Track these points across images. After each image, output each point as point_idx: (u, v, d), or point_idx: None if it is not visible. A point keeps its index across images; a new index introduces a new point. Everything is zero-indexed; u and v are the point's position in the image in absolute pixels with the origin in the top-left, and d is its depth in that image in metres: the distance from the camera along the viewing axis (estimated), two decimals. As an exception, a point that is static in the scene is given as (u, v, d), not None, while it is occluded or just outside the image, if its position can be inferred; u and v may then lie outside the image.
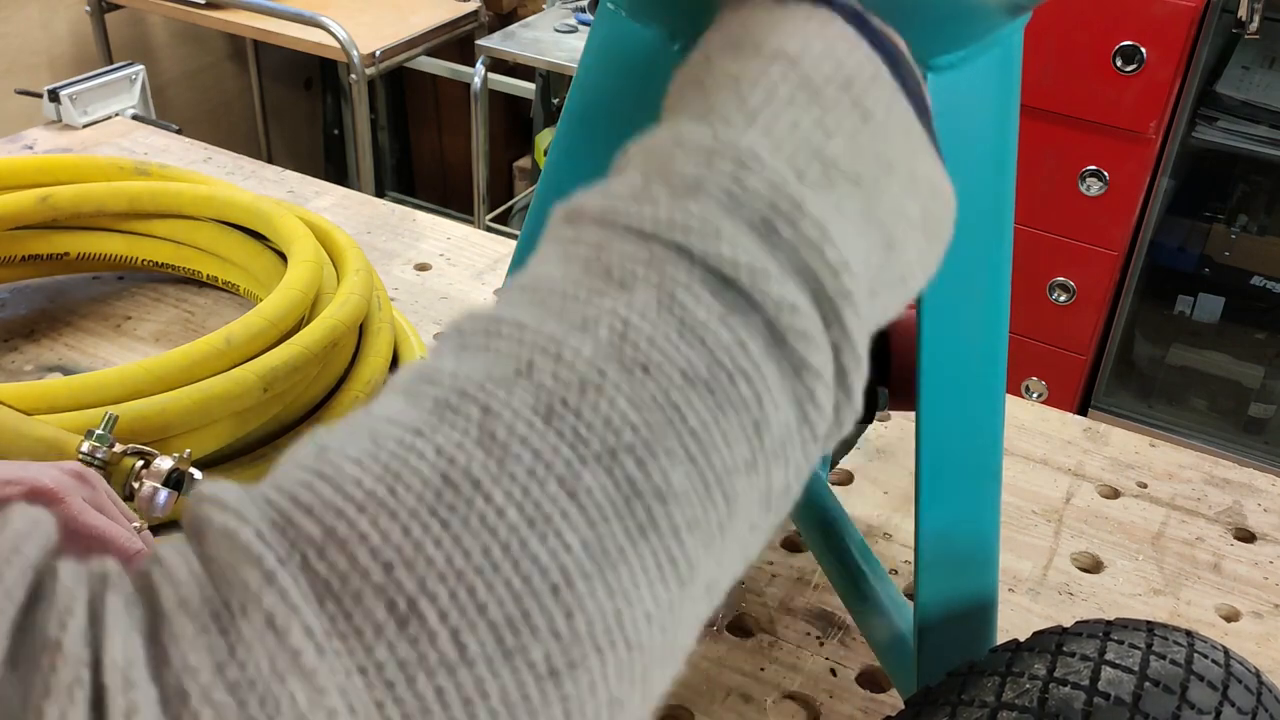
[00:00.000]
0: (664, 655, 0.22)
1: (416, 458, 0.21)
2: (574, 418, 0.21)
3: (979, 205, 0.48)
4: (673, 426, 0.22)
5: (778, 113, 0.25)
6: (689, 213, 0.24)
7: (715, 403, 0.22)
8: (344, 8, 2.21)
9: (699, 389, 0.22)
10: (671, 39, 0.45)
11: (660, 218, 0.24)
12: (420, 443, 0.21)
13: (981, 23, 0.44)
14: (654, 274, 0.23)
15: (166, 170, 1.04)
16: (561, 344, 0.22)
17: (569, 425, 0.21)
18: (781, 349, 0.23)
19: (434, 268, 1.10)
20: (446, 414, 0.22)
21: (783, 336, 0.23)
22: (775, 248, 0.24)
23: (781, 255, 0.24)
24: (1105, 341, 1.87)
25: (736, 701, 0.68)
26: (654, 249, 0.23)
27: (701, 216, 0.23)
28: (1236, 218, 1.93)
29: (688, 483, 0.22)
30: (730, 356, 0.22)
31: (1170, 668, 0.43)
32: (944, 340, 0.49)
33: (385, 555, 0.20)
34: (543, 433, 0.21)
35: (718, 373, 0.22)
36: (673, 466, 0.22)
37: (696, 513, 0.22)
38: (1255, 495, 0.87)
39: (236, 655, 0.19)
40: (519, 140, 2.76)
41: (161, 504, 0.70)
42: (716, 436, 0.22)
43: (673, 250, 0.23)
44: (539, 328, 0.23)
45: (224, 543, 0.20)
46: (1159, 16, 1.56)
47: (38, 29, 2.31)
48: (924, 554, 0.53)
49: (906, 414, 0.53)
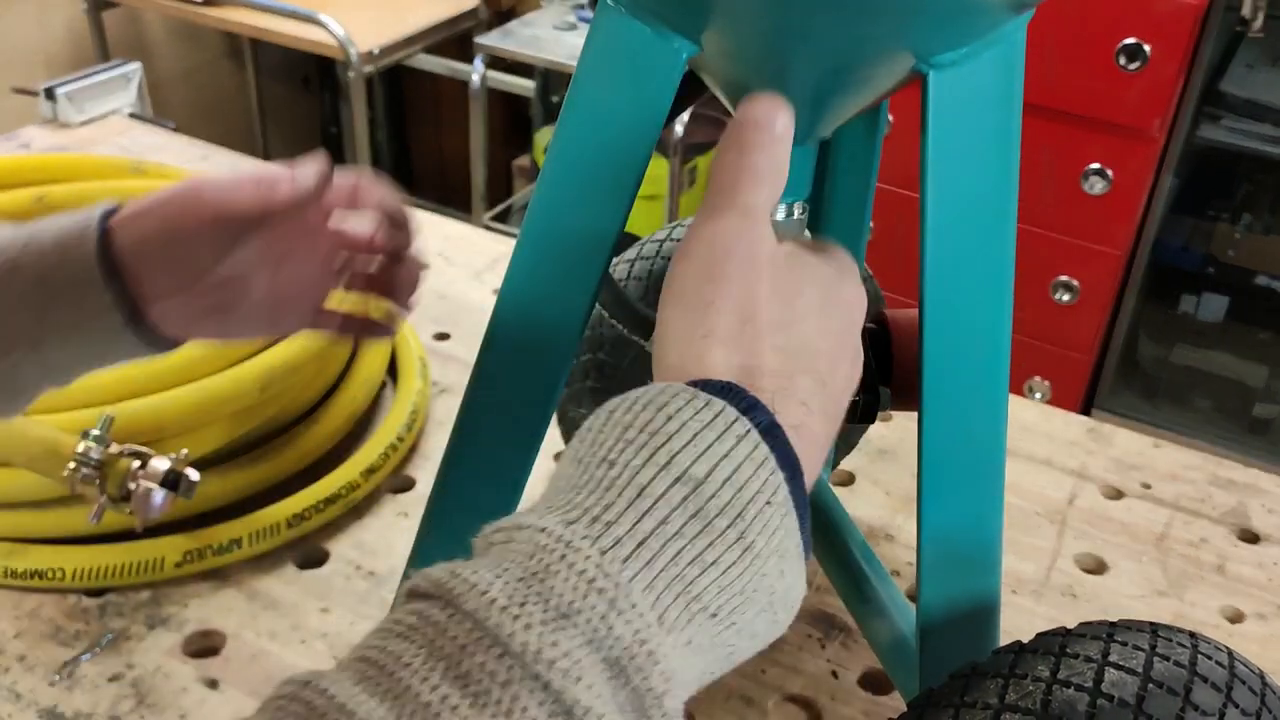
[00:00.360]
0: None
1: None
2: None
3: (981, 204, 0.47)
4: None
5: (665, 544, 0.28)
6: (557, 649, 0.26)
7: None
8: (342, 5, 2.20)
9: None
10: (672, 36, 0.45)
11: (530, 646, 0.26)
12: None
13: (984, 20, 0.44)
14: (507, 698, 0.25)
15: (163, 169, 1.04)
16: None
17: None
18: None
19: (432, 267, 1.09)
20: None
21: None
22: (621, 688, 0.27)
23: (623, 697, 0.27)
24: (1109, 341, 1.86)
25: (737, 704, 0.67)
26: (514, 673, 0.26)
27: (567, 655, 0.26)
28: (1241, 216, 1.92)
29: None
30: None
31: (1174, 669, 0.43)
32: (946, 340, 0.49)
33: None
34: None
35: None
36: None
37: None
38: (1260, 496, 0.86)
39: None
40: (518, 138, 2.76)
41: (158, 504, 0.69)
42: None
43: (531, 679, 0.26)
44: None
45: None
46: (1163, 14, 1.55)
47: (34, 26, 2.31)
48: (926, 555, 0.52)
49: (908, 414, 0.53)
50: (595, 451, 0.31)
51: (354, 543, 0.78)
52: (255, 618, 0.71)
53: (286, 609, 0.72)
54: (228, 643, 0.69)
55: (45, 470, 0.70)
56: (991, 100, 0.46)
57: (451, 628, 0.27)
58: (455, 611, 0.27)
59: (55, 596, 0.72)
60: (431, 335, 1.00)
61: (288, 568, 0.75)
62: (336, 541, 0.78)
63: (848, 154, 0.61)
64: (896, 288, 0.98)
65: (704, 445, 0.30)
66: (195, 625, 0.70)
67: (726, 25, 0.44)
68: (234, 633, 0.70)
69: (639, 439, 0.30)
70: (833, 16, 0.41)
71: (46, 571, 0.71)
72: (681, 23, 0.45)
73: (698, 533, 0.29)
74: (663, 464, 0.29)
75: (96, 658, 0.68)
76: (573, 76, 0.48)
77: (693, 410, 0.31)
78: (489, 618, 0.27)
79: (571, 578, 0.28)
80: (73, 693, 0.65)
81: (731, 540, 0.29)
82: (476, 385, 0.54)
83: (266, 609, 0.72)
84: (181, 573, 0.73)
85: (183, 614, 0.71)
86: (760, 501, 0.30)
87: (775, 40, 0.43)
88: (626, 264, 0.74)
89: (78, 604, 0.71)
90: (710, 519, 0.29)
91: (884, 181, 0.65)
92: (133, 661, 0.68)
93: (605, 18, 0.46)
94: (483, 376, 0.53)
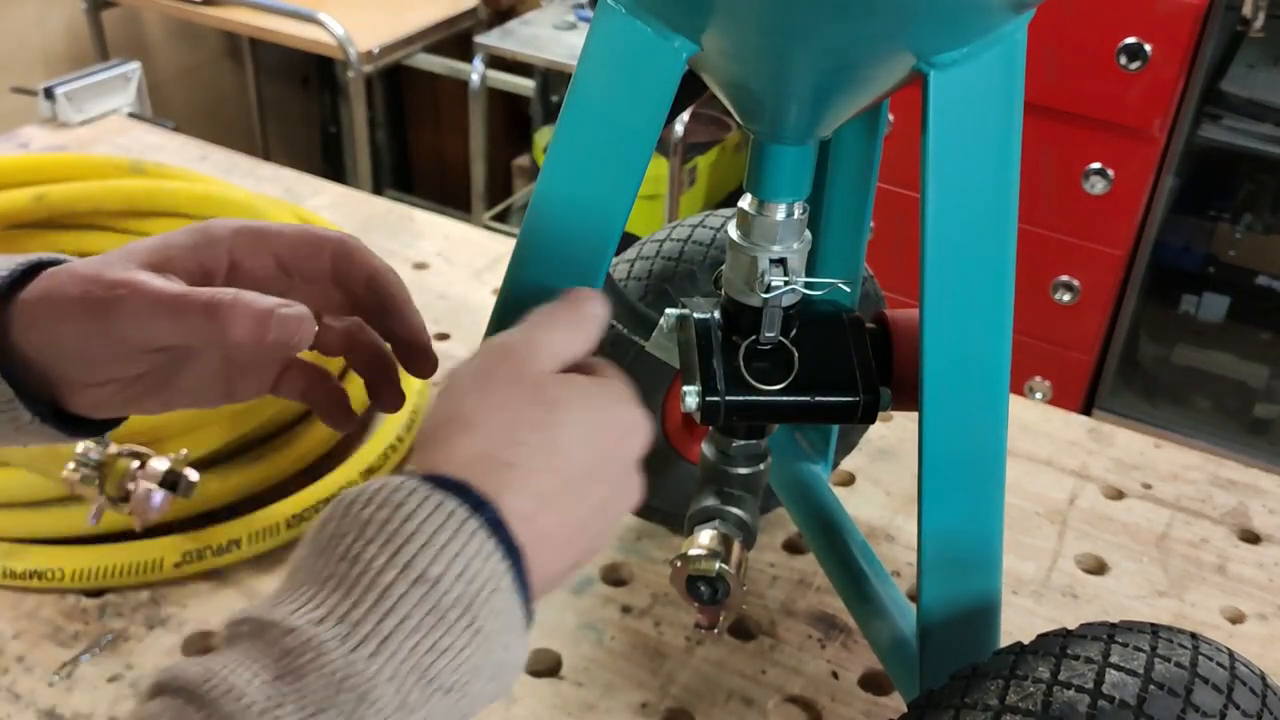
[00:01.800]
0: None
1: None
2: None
3: (981, 204, 0.47)
4: None
5: (406, 638, 0.32)
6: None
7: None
8: (341, 5, 2.20)
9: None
10: (672, 36, 0.45)
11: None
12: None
13: (985, 20, 0.44)
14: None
15: (162, 168, 1.03)
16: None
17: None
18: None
19: (432, 266, 1.10)
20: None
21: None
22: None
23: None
24: (1109, 341, 1.86)
25: (738, 704, 0.67)
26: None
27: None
28: (1241, 216, 1.92)
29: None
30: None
31: (1175, 670, 0.43)
32: (947, 340, 0.49)
33: None
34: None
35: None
36: None
37: None
38: (1260, 496, 0.86)
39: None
40: (518, 138, 2.76)
41: (157, 505, 0.69)
42: None
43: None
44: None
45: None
46: (1163, 14, 1.55)
47: (33, 26, 2.30)
48: (927, 555, 0.52)
49: (909, 414, 0.53)
50: (336, 546, 0.34)
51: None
52: (254, 618, 0.71)
53: (286, 609, 0.72)
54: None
55: (44, 470, 0.70)
56: (992, 100, 0.46)
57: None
58: (211, 715, 0.30)
59: (54, 597, 0.72)
60: (431, 335, 0.99)
61: (287, 568, 0.75)
62: (336, 542, 0.78)
63: (848, 154, 0.61)
64: (896, 288, 0.98)
65: (438, 545, 0.33)
66: (194, 626, 0.70)
67: (726, 25, 0.44)
68: (233, 633, 0.70)
69: (379, 538, 0.33)
70: (833, 16, 0.41)
71: (45, 572, 0.71)
72: (681, 22, 0.45)
73: (434, 625, 0.33)
74: (401, 566, 0.33)
75: (95, 658, 0.68)
76: (573, 76, 0.48)
77: (426, 512, 0.34)
78: (240, 713, 0.30)
79: (324, 678, 0.31)
80: (72, 693, 0.65)
81: (463, 627, 0.33)
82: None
83: (266, 609, 0.72)
84: (181, 573, 0.73)
85: (182, 614, 0.71)
86: (488, 590, 0.34)
87: (775, 40, 0.43)
88: (626, 264, 0.74)
89: (77, 604, 0.71)
90: (445, 612, 0.33)
91: (884, 181, 0.65)
92: (132, 662, 0.67)
93: (605, 17, 0.46)
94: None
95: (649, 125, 0.47)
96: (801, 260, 0.53)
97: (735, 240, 0.53)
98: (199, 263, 0.45)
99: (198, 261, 0.45)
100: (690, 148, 2.24)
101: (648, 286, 0.71)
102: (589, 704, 0.67)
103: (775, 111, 0.48)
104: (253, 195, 0.99)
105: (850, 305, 0.66)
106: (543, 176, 0.49)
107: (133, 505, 0.69)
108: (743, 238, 0.52)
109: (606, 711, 0.66)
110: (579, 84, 0.48)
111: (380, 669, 0.31)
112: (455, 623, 0.33)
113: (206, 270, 0.45)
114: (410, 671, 0.32)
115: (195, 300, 0.41)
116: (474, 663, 0.34)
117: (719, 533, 0.59)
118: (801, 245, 0.53)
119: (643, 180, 0.49)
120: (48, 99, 1.29)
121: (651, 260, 0.73)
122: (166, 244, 0.44)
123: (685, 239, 0.73)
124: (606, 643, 0.71)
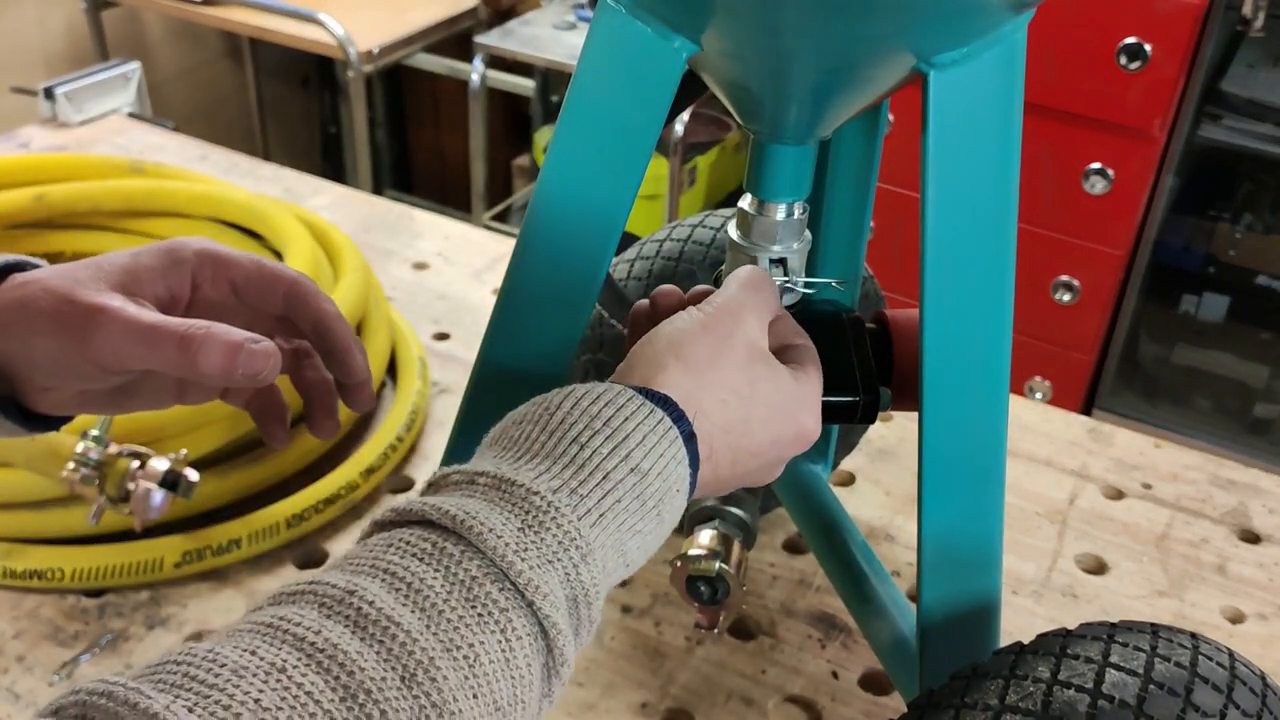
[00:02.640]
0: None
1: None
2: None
3: (981, 204, 0.47)
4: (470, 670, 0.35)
5: (616, 516, 0.39)
6: (546, 585, 0.36)
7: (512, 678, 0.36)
8: (341, 5, 2.20)
9: (506, 672, 0.35)
10: (672, 36, 0.45)
11: (525, 580, 0.36)
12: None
13: (985, 20, 0.44)
14: (503, 620, 0.35)
15: (162, 168, 1.03)
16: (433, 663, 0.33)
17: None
18: (550, 656, 0.37)
19: (432, 266, 1.10)
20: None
21: (555, 656, 0.37)
22: (573, 612, 0.38)
23: (574, 619, 0.38)
24: (1109, 341, 1.86)
25: (738, 704, 0.67)
26: (512, 600, 0.36)
27: (551, 593, 0.36)
28: (1241, 216, 1.92)
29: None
30: (528, 664, 0.36)
31: (1175, 670, 0.43)
32: (947, 340, 0.49)
33: None
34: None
35: (517, 661, 0.36)
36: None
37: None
38: (1260, 496, 0.86)
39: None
40: (517, 138, 2.76)
41: (157, 505, 0.69)
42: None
43: (525, 605, 0.36)
44: (415, 637, 0.33)
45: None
46: (1163, 14, 1.55)
47: (33, 26, 2.30)
48: (927, 555, 0.52)
49: (909, 414, 0.53)
50: (569, 430, 0.40)
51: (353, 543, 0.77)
52: (254, 618, 0.71)
53: (286, 609, 0.72)
54: (227, 643, 0.69)
55: (44, 470, 0.70)
56: (992, 100, 0.46)
57: (465, 561, 0.36)
58: (469, 548, 0.36)
59: (54, 597, 0.72)
60: (431, 335, 0.99)
61: (287, 568, 0.75)
62: (336, 542, 0.78)
63: (848, 154, 0.61)
64: (896, 288, 0.98)
65: (650, 445, 0.41)
66: (194, 626, 0.70)
67: (726, 25, 0.44)
68: (233, 633, 0.70)
69: (604, 430, 0.40)
70: (833, 16, 0.41)
71: (45, 572, 0.71)
72: (681, 22, 0.45)
73: (638, 509, 0.40)
74: (622, 457, 0.40)
75: (95, 658, 0.68)
76: (573, 76, 0.48)
77: (643, 415, 0.41)
78: (504, 557, 0.36)
79: (558, 534, 0.37)
80: (71, 693, 0.65)
81: (654, 516, 0.41)
82: (476, 386, 0.53)
83: (266, 609, 0.72)
84: (180, 573, 0.73)
85: (182, 614, 0.71)
86: (674, 489, 0.41)
87: (775, 40, 0.43)
88: (626, 264, 0.74)
89: (77, 604, 0.71)
90: (646, 500, 0.40)
91: (884, 181, 0.65)
92: (132, 662, 0.67)
93: (605, 17, 0.46)
94: (483, 377, 0.53)
95: (649, 125, 0.47)
96: (801, 260, 0.53)
97: (735, 240, 0.53)
98: (167, 286, 0.47)
99: (166, 286, 0.47)
100: (690, 148, 2.24)
101: (648, 286, 0.71)
102: (589, 704, 0.67)
103: (775, 111, 0.48)
104: (252, 195, 0.99)
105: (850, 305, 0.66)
106: (543, 176, 0.49)
107: (133, 505, 0.69)
108: (743, 238, 0.52)
109: (606, 711, 0.66)
110: (579, 84, 0.48)
111: (597, 537, 0.39)
112: (650, 510, 0.40)
113: (174, 294, 0.47)
114: (614, 545, 0.39)
115: (170, 332, 0.43)
116: (650, 545, 0.41)
117: (719, 532, 0.59)
118: (801, 245, 0.53)
119: (643, 180, 0.49)
120: (48, 99, 1.29)
121: (651, 260, 0.73)
122: (136, 265, 0.46)
123: (685, 239, 0.73)
124: (606, 643, 0.71)
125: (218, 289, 0.48)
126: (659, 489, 0.40)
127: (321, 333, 0.49)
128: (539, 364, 0.52)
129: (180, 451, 0.71)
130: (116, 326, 0.43)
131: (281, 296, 0.49)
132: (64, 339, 0.43)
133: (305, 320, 0.49)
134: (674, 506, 0.42)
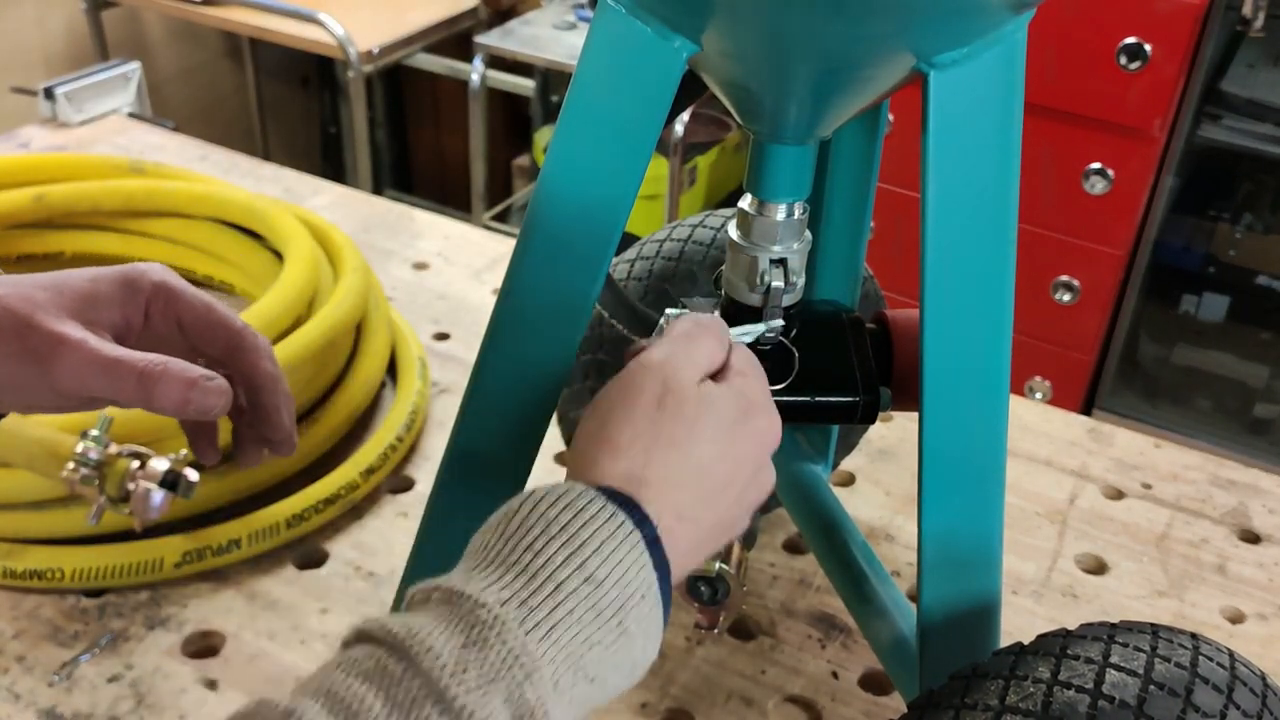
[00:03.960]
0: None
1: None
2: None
3: (981, 204, 0.47)
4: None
5: (569, 629, 0.37)
6: (484, 709, 0.35)
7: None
8: (341, 5, 2.20)
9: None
10: (672, 36, 0.45)
11: (467, 707, 0.35)
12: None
13: (985, 20, 0.44)
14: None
15: (162, 168, 1.03)
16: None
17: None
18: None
19: (432, 266, 1.10)
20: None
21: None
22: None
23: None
24: (1109, 341, 1.86)
25: (737, 704, 0.67)
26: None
27: (491, 713, 0.35)
28: (1241, 216, 1.92)
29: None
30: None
31: (1175, 671, 0.43)
32: (947, 340, 0.49)
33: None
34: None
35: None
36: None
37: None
38: (1260, 496, 0.86)
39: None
40: (517, 138, 2.76)
41: (157, 505, 0.69)
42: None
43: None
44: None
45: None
46: (1163, 13, 1.55)
47: (33, 26, 2.30)
48: (927, 555, 0.52)
49: (909, 414, 0.53)
50: (523, 537, 0.39)
51: (353, 543, 0.78)
52: (254, 618, 0.71)
53: (286, 609, 0.72)
54: (227, 643, 0.69)
55: (44, 470, 0.70)
56: (992, 100, 0.46)
57: (406, 681, 0.35)
58: (409, 667, 0.35)
59: (54, 597, 0.72)
60: (431, 335, 0.99)
61: (287, 568, 0.75)
62: (336, 542, 0.78)
63: (848, 154, 0.61)
64: (896, 288, 0.98)
65: (607, 552, 0.39)
66: (194, 626, 0.70)
67: (726, 25, 0.44)
68: (233, 633, 0.70)
69: (559, 536, 0.39)
70: (833, 16, 0.41)
71: (45, 572, 0.71)
72: (681, 23, 0.45)
73: (592, 620, 0.38)
74: (576, 566, 0.38)
75: (95, 658, 0.68)
76: (573, 76, 0.48)
77: (601, 520, 0.39)
78: (439, 680, 0.35)
79: (501, 651, 0.36)
80: (72, 693, 0.65)
81: (614, 626, 0.39)
82: (477, 386, 0.53)
83: (266, 609, 0.72)
84: (181, 573, 0.73)
85: (182, 614, 0.71)
86: (638, 597, 0.39)
87: (775, 40, 0.43)
88: (626, 264, 0.74)
89: (77, 604, 0.71)
90: (602, 611, 0.38)
91: (884, 181, 0.65)
92: (132, 662, 0.67)
93: (605, 18, 0.46)
94: (483, 377, 0.53)
95: (649, 125, 0.47)
96: (801, 260, 0.53)
97: (735, 240, 0.53)
98: (124, 315, 0.48)
99: (122, 314, 0.48)
100: (690, 148, 2.24)
101: (648, 286, 0.71)
102: (589, 704, 0.67)
103: (775, 111, 0.48)
104: (252, 195, 0.99)
105: (850, 305, 0.66)
106: (543, 176, 0.49)
107: (133, 505, 0.69)
108: (743, 238, 0.52)
109: (606, 711, 0.66)
110: (579, 84, 0.48)
111: (545, 652, 0.37)
112: (608, 621, 0.38)
113: (129, 323, 0.49)
114: (566, 659, 0.38)
115: (130, 367, 0.45)
116: (616, 659, 0.39)
117: (719, 533, 0.59)
118: (801, 245, 0.53)
119: (643, 180, 0.49)
120: (48, 99, 1.29)
121: (651, 260, 0.73)
122: (95, 293, 0.48)
123: (685, 239, 0.73)
124: (606, 643, 0.71)
125: (166, 323, 0.50)
126: (616, 598, 0.39)
127: (254, 389, 0.51)
128: (539, 364, 0.52)
129: (180, 451, 0.71)
130: (78, 358, 0.44)
131: (223, 344, 0.50)
132: (24, 363, 0.44)
133: (240, 372, 0.51)
134: (640, 615, 0.39)
